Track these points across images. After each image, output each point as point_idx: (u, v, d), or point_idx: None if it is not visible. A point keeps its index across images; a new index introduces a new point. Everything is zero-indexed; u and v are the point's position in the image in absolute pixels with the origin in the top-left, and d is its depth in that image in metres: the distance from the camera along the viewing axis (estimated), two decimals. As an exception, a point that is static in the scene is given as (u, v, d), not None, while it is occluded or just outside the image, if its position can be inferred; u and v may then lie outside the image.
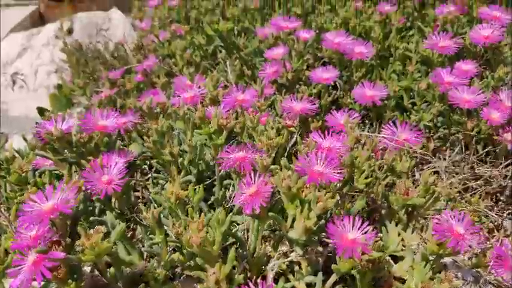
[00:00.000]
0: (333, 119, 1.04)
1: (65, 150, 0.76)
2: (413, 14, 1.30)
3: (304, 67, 1.26)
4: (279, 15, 1.32)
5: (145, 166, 0.96)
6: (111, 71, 1.13)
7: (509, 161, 0.97)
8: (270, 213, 0.68)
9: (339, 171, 0.73)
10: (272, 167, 0.82)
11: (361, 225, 0.68)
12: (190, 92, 1.00)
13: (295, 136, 1.02)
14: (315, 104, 1.07)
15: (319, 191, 0.69)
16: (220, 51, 1.34)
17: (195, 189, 0.75)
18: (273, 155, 0.84)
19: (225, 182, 0.92)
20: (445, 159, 1.09)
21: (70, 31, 1.85)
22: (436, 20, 1.20)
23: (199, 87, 1.03)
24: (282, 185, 0.66)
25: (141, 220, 0.78)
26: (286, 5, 1.43)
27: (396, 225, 0.86)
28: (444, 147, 1.15)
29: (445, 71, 1.07)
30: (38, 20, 2.54)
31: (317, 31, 1.37)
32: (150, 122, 0.88)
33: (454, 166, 1.07)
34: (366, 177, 0.83)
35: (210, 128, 0.82)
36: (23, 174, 0.79)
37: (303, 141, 0.86)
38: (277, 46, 1.23)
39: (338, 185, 0.84)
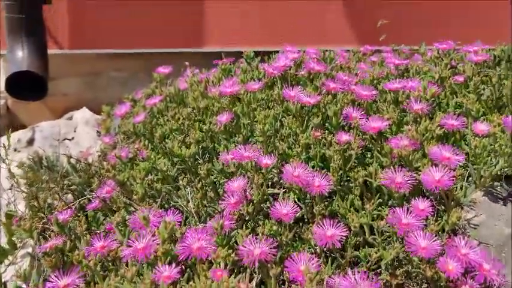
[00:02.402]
0: (293, 265, 1.01)
1: None
2: (371, 141, 1.34)
3: (268, 192, 1.27)
4: (241, 143, 1.35)
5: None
6: (60, 212, 1.09)
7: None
8: None
9: None
10: None
11: None
12: (143, 242, 0.96)
13: None
14: (274, 246, 1.05)
15: None
16: (183, 177, 1.33)
17: None
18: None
19: None
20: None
21: (30, 142, 1.83)
22: (392, 151, 1.24)
23: (153, 234, 0.99)
24: None
25: None
26: (251, 126, 1.46)
27: None
28: (408, 284, 1.14)
29: (402, 211, 1.08)
30: (6, 113, 2.52)
31: (280, 153, 1.39)
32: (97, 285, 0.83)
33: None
34: None
35: (157, 301, 0.77)
36: None
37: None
38: (238, 178, 1.23)
39: None
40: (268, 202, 1.31)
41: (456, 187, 1.10)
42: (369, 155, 1.46)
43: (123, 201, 1.26)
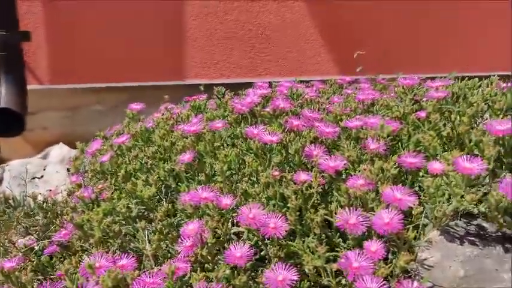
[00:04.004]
0: (241, 313, 1.00)
1: None
2: (332, 179, 1.35)
3: (231, 231, 1.26)
4: (201, 185, 1.35)
5: None
6: (9, 259, 1.09)
7: None
8: None
9: None
10: None
11: None
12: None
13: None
14: (225, 292, 1.04)
15: None
16: (142, 219, 1.32)
17: None
18: None
19: None
20: None
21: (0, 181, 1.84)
22: (348, 191, 1.24)
23: (97, 282, 0.98)
24: None
25: None
26: (212, 168, 1.47)
27: None
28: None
29: (354, 254, 1.07)
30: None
31: (241, 192, 1.39)
32: None
33: None
34: None
35: None
36: None
37: None
38: (193, 221, 1.22)
39: None
40: (231, 242, 1.31)
41: (408, 228, 1.09)
42: (333, 189, 1.46)
43: (79, 244, 1.25)
